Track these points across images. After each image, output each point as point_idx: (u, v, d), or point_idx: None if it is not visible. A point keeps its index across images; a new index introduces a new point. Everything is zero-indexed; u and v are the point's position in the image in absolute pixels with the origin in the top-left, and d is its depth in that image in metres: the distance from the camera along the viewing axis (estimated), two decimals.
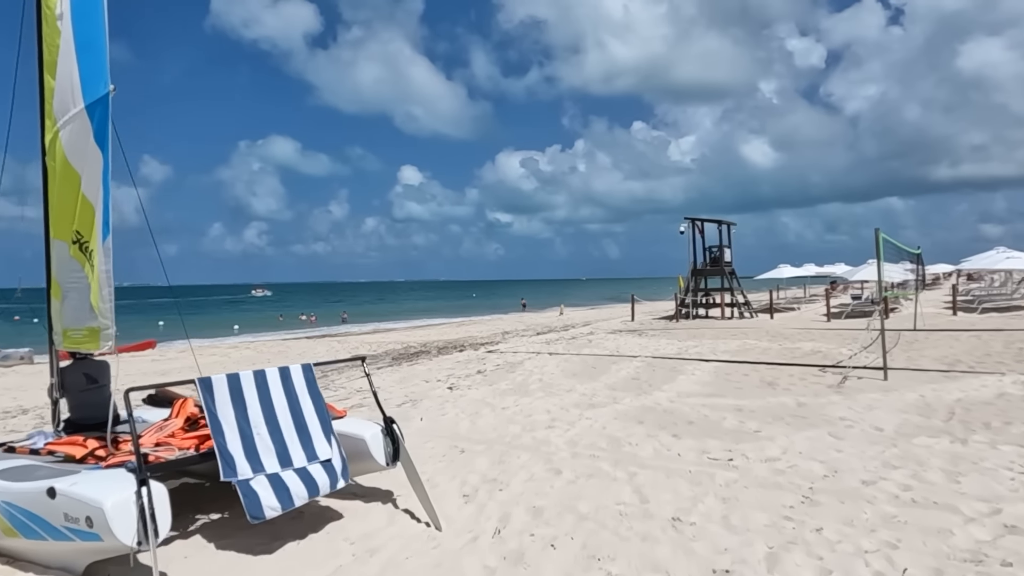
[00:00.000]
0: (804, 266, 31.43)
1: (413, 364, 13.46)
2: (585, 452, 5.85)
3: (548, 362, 12.75)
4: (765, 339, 15.83)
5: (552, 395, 9.09)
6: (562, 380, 10.40)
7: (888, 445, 5.79)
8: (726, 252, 25.30)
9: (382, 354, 16.02)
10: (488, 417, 7.70)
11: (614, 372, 11.07)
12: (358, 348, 18.16)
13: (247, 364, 14.91)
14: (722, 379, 9.94)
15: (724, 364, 11.59)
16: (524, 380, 10.54)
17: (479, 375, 11.36)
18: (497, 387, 9.95)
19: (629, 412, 7.68)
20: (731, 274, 25.20)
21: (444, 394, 9.49)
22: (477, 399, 8.95)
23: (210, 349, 19.65)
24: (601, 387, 9.60)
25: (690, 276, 25.55)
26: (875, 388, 8.70)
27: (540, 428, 6.94)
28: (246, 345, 20.90)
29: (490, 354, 14.81)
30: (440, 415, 7.94)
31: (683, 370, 10.98)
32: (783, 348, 13.78)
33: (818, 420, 6.93)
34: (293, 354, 17.19)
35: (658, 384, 9.66)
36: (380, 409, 4.76)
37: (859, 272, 23.23)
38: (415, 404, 8.76)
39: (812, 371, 10.46)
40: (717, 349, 13.99)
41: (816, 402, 7.90)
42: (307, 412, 4.25)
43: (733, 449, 5.81)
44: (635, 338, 17.42)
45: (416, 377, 11.35)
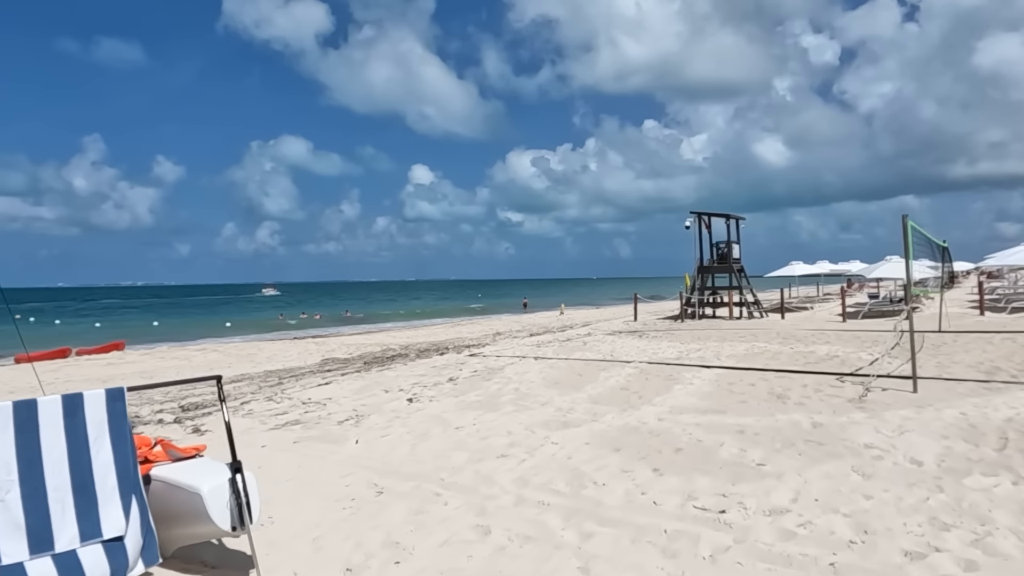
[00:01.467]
0: (817, 263, 29.81)
1: (384, 369, 12.17)
2: (534, 497, 4.51)
3: (531, 368, 11.42)
4: (775, 342, 14.42)
5: (523, 410, 7.77)
6: (540, 390, 9.08)
7: (932, 488, 4.42)
8: (734, 248, 23.84)
9: (356, 358, 14.74)
10: (436, 440, 6.38)
11: (602, 381, 9.73)
12: (335, 351, 16.89)
13: (203, 370, 13.70)
14: (724, 390, 8.57)
15: (728, 371, 10.21)
16: (498, 390, 9.22)
17: (449, 383, 10.06)
18: (463, 399, 8.64)
19: (607, 434, 6.34)
20: (740, 271, 23.74)
21: (399, 408, 8.19)
22: (434, 415, 7.64)
23: (176, 352, 18.47)
24: (583, 400, 8.26)
25: (696, 274, 24.11)
26: (904, 403, 7.30)
27: (491, 457, 5.61)
28: (215, 347, 19.71)
29: (472, 358, 13.51)
30: (380, 437, 6.63)
31: (680, 378, 9.62)
32: (795, 352, 12.36)
33: (838, 447, 5.57)
34: (261, 357, 15.97)
35: (649, 396, 8.31)
36: (231, 449, 3.45)
37: (877, 269, 21.70)
38: (359, 421, 7.46)
39: (829, 380, 9.07)
40: (721, 353, 12.60)
41: (835, 422, 6.52)
42: (99, 462, 2.94)
43: (729, 493, 4.46)
44: (634, 340, 16.05)
45: (378, 386, 10.05)
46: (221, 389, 3.58)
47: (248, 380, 11.48)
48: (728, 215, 23.91)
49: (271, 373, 12.44)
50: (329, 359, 14.64)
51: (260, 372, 12.66)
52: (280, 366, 13.67)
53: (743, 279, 23.72)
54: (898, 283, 28.46)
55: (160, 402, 9.39)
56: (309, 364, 13.75)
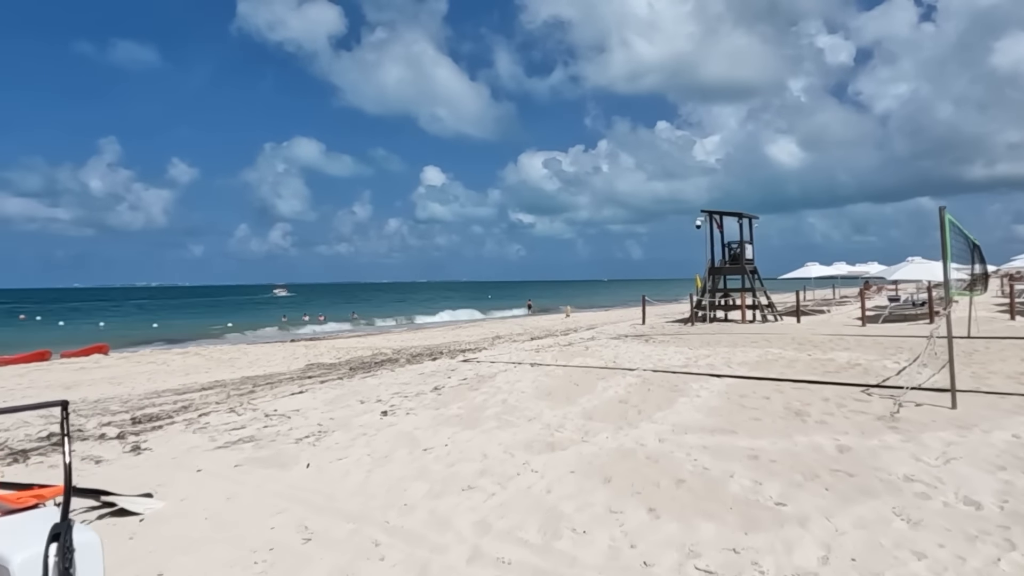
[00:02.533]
0: (834, 264, 28.64)
1: (367, 376, 11.31)
2: (493, 550, 3.60)
3: (524, 376, 10.51)
4: (791, 347, 13.43)
5: (506, 426, 6.87)
6: (530, 402, 8.17)
7: (1000, 542, 3.48)
8: (747, 248, 22.81)
9: (343, 363, 13.89)
10: (397, 465, 5.49)
11: (599, 391, 8.81)
12: (323, 355, 16.06)
13: (179, 374, 12.89)
14: (735, 404, 7.63)
15: (739, 381, 9.26)
16: (483, 402, 8.33)
17: (433, 393, 9.17)
18: (443, 412, 7.75)
19: (597, 459, 5.43)
20: (753, 273, 22.71)
21: (369, 423, 7.31)
22: (404, 432, 6.76)
23: (158, 355, 17.68)
24: (575, 414, 7.35)
25: (707, 275, 23.10)
26: (944, 421, 6.34)
27: (454, 490, 4.71)
28: (200, 350, 18.93)
29: (464, 364, 12.62)
30: (336, 459, 5.75)
31: (687, 389, 8.68)
32: (813, 360, 11.37)
33: (872, 480, 4.63)
34: (244, 361, 15.15)
35: (649, 411, 7.38)
36: (64, 502, 2.56)
37: (898, 271, 20.60)
38: (319, 439, 6.58)
39: (852, 393, 8.10)
40: (733, 360, 11.64)
41: (864, 445, 5.58)
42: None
43: (741, 547, 3.53)
44: (640, 345, 15.10)
45: (355, 396, 9.19)
46: (66, 420, 2.70)
47: (220, 387, 10.66)
48: (741, 214, 22.89)
49: (248, 380, 11.61)
50: (314, 364, 13.81)
51: (237, 378, 11.84)
52: (260, 371, 12.85)
53: (756, 281, 22.70)
54: (921, 285, 27.30)
55: (113, 413, 8.57)
56: (291, 370, 12.93)
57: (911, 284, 40.01)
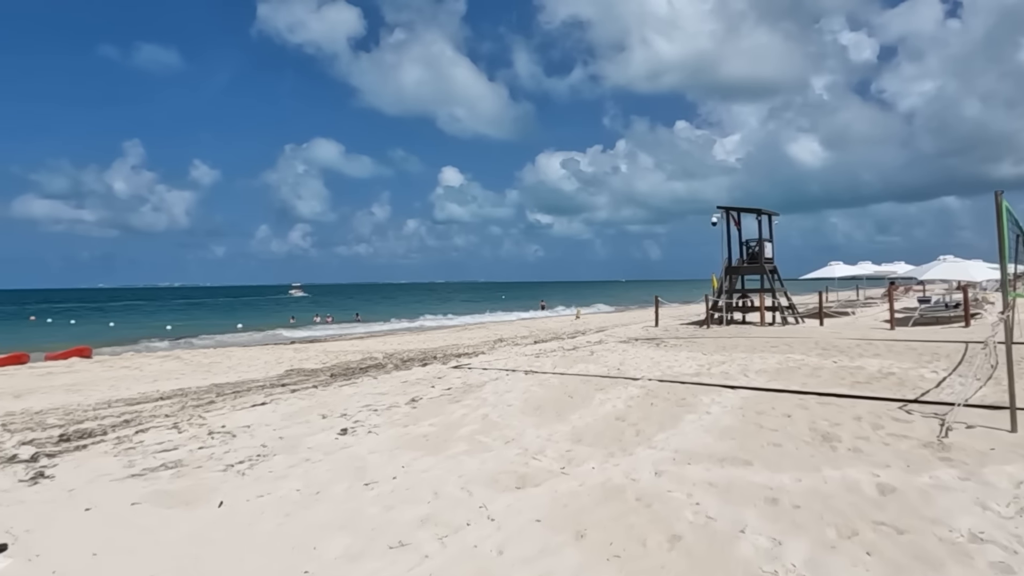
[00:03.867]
0: (859, 264, 27.17)
1: (345, 385, 10.32)
2: None
3: (516, 385, 9.45)
4: (814, 353, 12.21)
5: (478, 450, 5.82)
6: (514, 419, 7.11)
7: None
8: (767, 247, 21.49)
9: (325, 368, 12.92)
10: (326, 505, 4.45)
11: (595, 405, 7.72)
12: (308, 359, 15.11)
13: (146, 381, 11.98)
14: (751, 422, 6.50)
15: (757, 394, 8.11)
16: (461, 418, 7.28)
17: (408, 406, 8.14)
18: (411, 431, 6.71)
19: (574, 501, 4.35)
20: (772, 272, 21.40)
21: (321, 444, 6.29)
22: (356, 457, 5.73)
23: (139, 359, 16.85)
24: (562, 435, 6.27)
25: (723, 275, 21.83)
26: (1006, 450, 5.17)
27: (378, 550, 3.65)
28: (181, 354, 18.06)
29: (455, 370, 11.58)
30: (259, 496, 4.73)
31: (695, 404, 7.56)
32: (839, 368, 10.17)
33: (929, 539, 3.51)
34: (223, 367, 14.23)
35: (650, 431, 6.28)
36: None
37: (930, 270, 19.20)
38: (254, 465, 5.57)
39: (889, 409, 6.93)
40: (750, 368, 10.47)
41: (913, 484, 4.44)
42: None
43: None
44: (649, 349, 13.96)
45: (319, 409, 8.18)
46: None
47: (180, 397, 9.72)
48: (759, 210, 21.57)
49: (216, 387, 10.67)
50: (295, 370, 12.85)
51: (205, 386, 10.91)
52: (235, 378, 11.91)
53: (776, 281, 21.40)
54: (951, 286, 25.78)
55: (45, 427, 7.64)
56: (268, 376, 11.97)
57: (939, 285, 38.32)
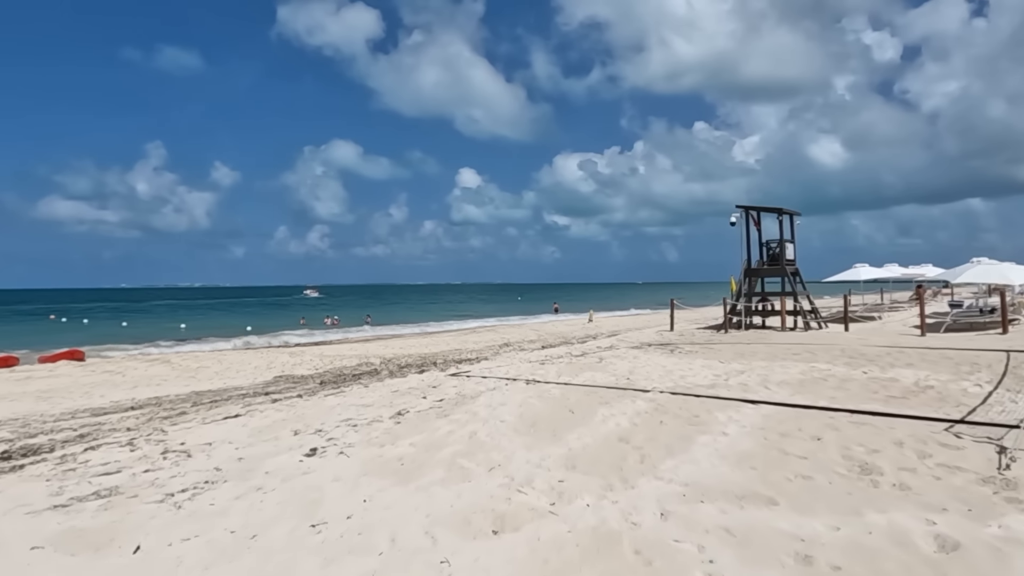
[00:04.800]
0: (885, 266, 25.96)
1: (331, 394, 9.60)
2: None
3: (513, 397, 8.66)
4: (841, 361, 11.28)
5: (456, 479, 5.04)
6: (504, 438, 6.32)
7: None
8: (788, 248, 20.48)
9: (316, 375, 12.22)
10: (255, 555, 3.69)
11: (597, 422, 6.90)
12: (301, 364, 14.42)
13: (126, 387, 11.35)
14: (774, 447, 5.65)
15: (780, 410, 7.24)
16: (445, 436, 6.50)
17: (392, 420, 7.39)
18: (386, 452, 5.95)
19: (558, 552, 3.55)
20: (794, 275, 20.39)
21: (281, 468, 5.55)
22: (314, 487, 4.97)
23: (122, 364, 16.25)
24: (555, 460, 5.47)
25: (743, 277, 20.85)
26: None
27: None
28: (170, 358, 17.45)
29: (452, 378, 10.81)
30: (184, 538, 3.98)
31: (710, 422, 6.71)
32: (870, 380, 9.25)
33: None
34: (209, 372, 13.59)
35: (656, 456, 5.46)
36: None
37: (964, 273, 18.09)
38: (197, 495, 4.83)
39: (933, 430, 6.03)
40: (771, 378, 9.59)
41: (979, 538, 3.58)
42: None
43: None
44: (662, 356, 13.09)
45: (294, 424, 7.45)
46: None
47: (153, 406, 9.07)
48: (780, 209, 20.55)
49: (195, 395, 10.01)
50: (284, 376, 12.17)
51: (185, 393, 10.25)
52: (219, 385, 11.26)
53: (798, 283, 20.38)
54: (981, 289, 24.55)
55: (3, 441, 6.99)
56: (253, 384, 11.30)
57: (968, 289, 36.88)
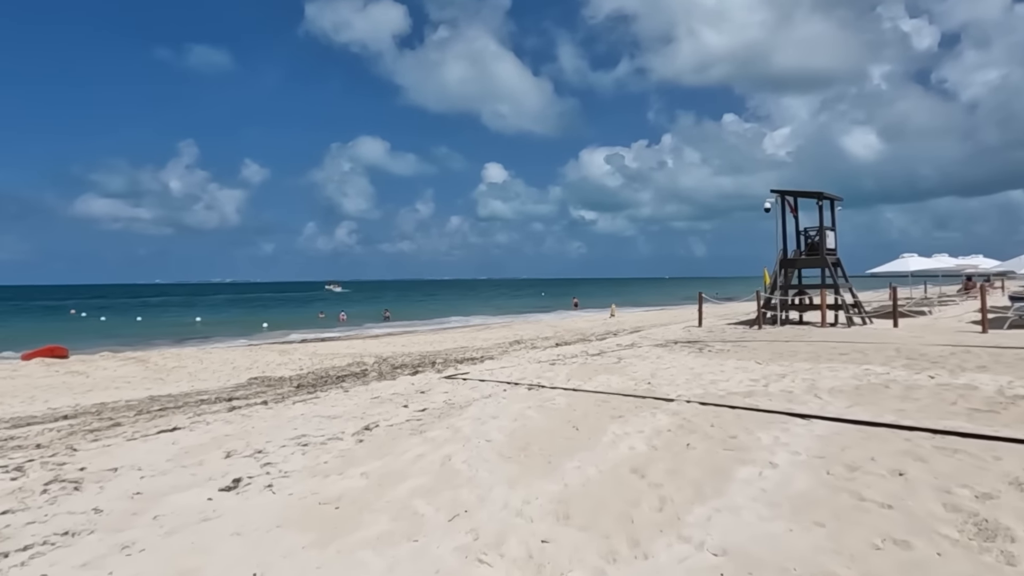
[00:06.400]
0: (935, 257, 23.90)
1: (302, 400, 8.29)
2: None
3: (510, 406, 7.22)
4: (899, 364, 9.64)
5: (403, 535, 3.63)
6: (484, 466, 4.89)
7: None
8: (828, 236, 18.68)
9: (297, 377, 10.93)
10: None
11: (607, 444, 5.44)
12: (286, 364, 13.16)
13: (77, 391, 10.18)
14: (841, 486, 4.13)
15: (838, 427, 5.69)
16: (414, 461, 5.10)
17: (354, 438, 6.01)
18: (329, 486, 4.57)
19: None
20: (835, 265, 18.60)
21: (180, 510, 4.20)
22: (206, 543, 3.60)
23: (97, 363, 15.13)
24: (545, 501, 4.03)
25: (778, 268, 19.10)
26: None
27: None
28: (156, 355, 16.31)
29: (446, 381, 9.43)
30: None
31: (751, 445, 5.20)
32: (941, 387, 7.61)
33: None
34: (183, 372, 12.39)
35: (681, 499, 3.98)
36: None
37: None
38: (35, 557, 3.51)
39: None
40: (819, 384, 8.01)
41: None
42: None
43: None
44: (689, 356, 11.55)
45: (233, 442, 6.13)
46: None
47: (90, 416, 7.85)
48: (821, 194, 18.71)
49: (151, 401, 8.79)
50: (260, 378, 10.91)
51: (138, 399, 9.04)
52: (186, 388, 10.04)
53: (840, 275, 18.59)
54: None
55: None
56: (223, 387, 10.05)
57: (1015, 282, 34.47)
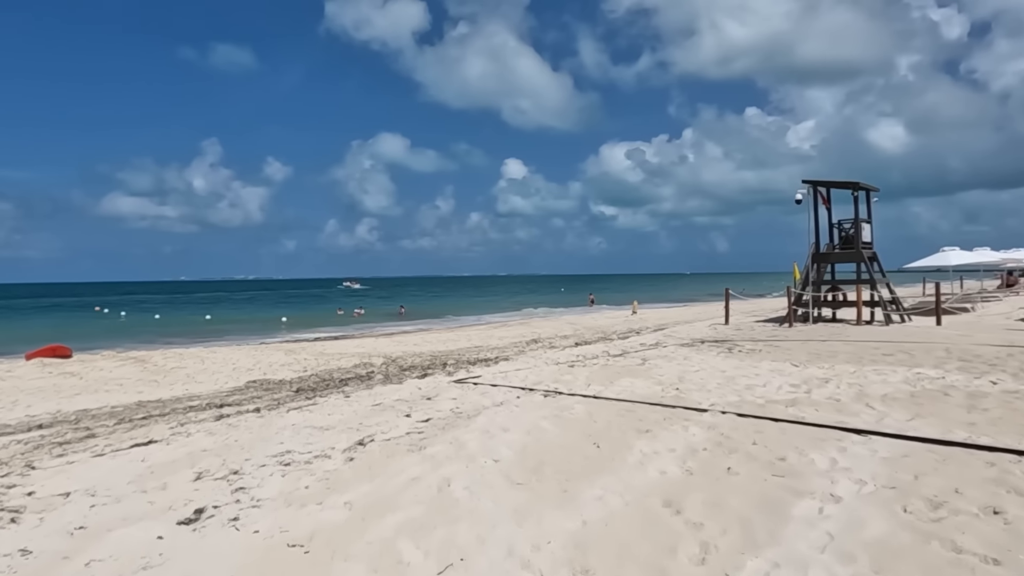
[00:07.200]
0: (976, 251, 22.65)
1: (298, 408, 7.62)
2: None
3: (523, 417, 6.48)
4: (952, 366, 8.74)
5: None
6: (488, 493, 4.15)
7: None
8: (864, 228, 17.64)
9: (299, 379, 10.27)
10: None
11: (633, 466, 4.67)
12: (288, 366, 12.50)
13: (65, 395, 9.62)
14: (927, 531, 3.32)
15: (903, 446, 4.85)
16: (408, 485, 4.38)
17: (344, 456, 5.31)
18: (303, 520, 3.86)
19: None
20: (871, 259, 17.57)
21: (122, 551, 3.52)
22: None
23: (96, 363, 14.59)
24: (557, 546, 3.28)
25: (809, 263, 18.11)
26: None
27: None
28: (158, 355, 15.77)
29: (457, 385, 8.71)
30: None
31: (804, 468, 4.39)
32: (1009, 394, 6.71)
33: None
34: (181, 374, 11.78)
35: (729, 545, 3.20)
36: None
37: None
38: None
39: None
40: (869, 391, 7.15)
41: None
42: None
43: None
44: (719, 357, 10.70)
45: (211, 459, 5.46)
46: None
47: (66, 424, 7.26)
48: (856, 184, 17.64)
49: (138, 407, 8.19)
50: (259, 381, 10.28)
51: (124, 405, 8.44)
52: (180, 392, 9.43)
53: (876, 270, 17.55)
54: None
55: None
56: (219, 390, 9.44)
57: None
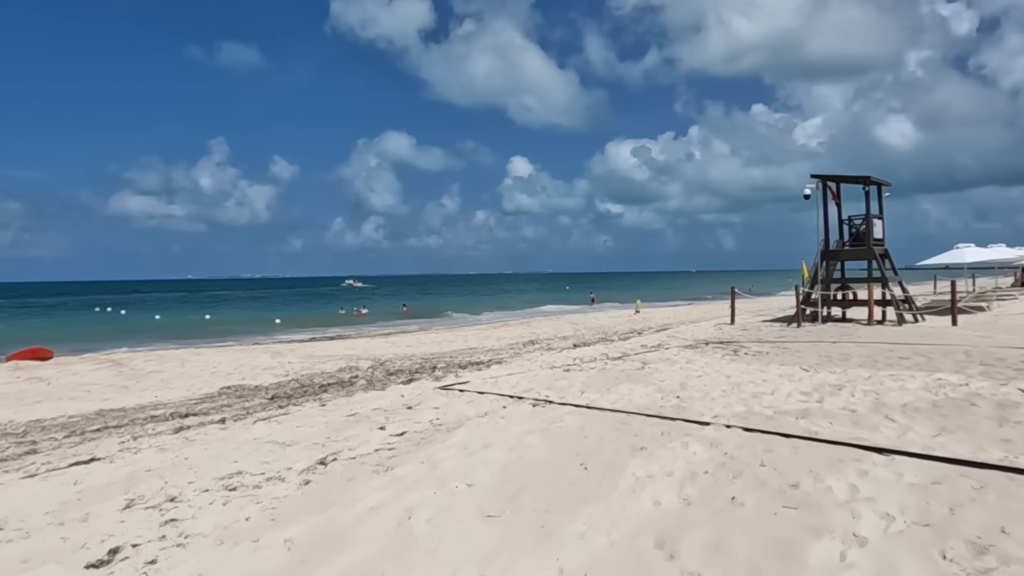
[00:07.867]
0: (991, 247, 21.87)
1: (265, 419, 7.04)
2: None
3: (508, 430, 5.88)
4: (975, 371, 8.09)
5: None
6: (455, 529, 3.55)
7: None
8: (876, 225, 16.96)
9: (271, 385, 9.69)
10: None
11: (625, 492, 4.06)
12: (269, 370, 11.92)
13: (28, 402, 9.06)
14: None
15: (932, 468, 4.22)
16: (362, 518, 3.79)
17: (300, 478, 4.72)
18: (230, 567, 3.27)
19: None
20: (883, 257, 16.89)
21: None
22: None
23: (78, 365, 14.05)
24: None
25: (818, 260, 17.44)
26: None
27: None
28: (139, 357, 15.16)
29: (440, 392, 8.11)
30: None
31: (822, 498, 3.79)
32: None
33: None
34: (154, 380, 11.19)
35: None
36: None
37: None
38: None
39: None
40: (887, 400, 6.52)
41: None
42: None
43: None
44: (724, 360, 10.07)
45: (145, 484, 4.87)
46: None
47: (10, 438, 6.68)
48: (868, 178, 16.95)
49: (97, 417, 7.62)
50: (233, 387, 9.70)
51: (83, 414, 7.89)
52: (148, 399, 8.87)
53: (888, 267, 16.87)
54: None
55: None
56: (190, 397, 8.87)
57: None
